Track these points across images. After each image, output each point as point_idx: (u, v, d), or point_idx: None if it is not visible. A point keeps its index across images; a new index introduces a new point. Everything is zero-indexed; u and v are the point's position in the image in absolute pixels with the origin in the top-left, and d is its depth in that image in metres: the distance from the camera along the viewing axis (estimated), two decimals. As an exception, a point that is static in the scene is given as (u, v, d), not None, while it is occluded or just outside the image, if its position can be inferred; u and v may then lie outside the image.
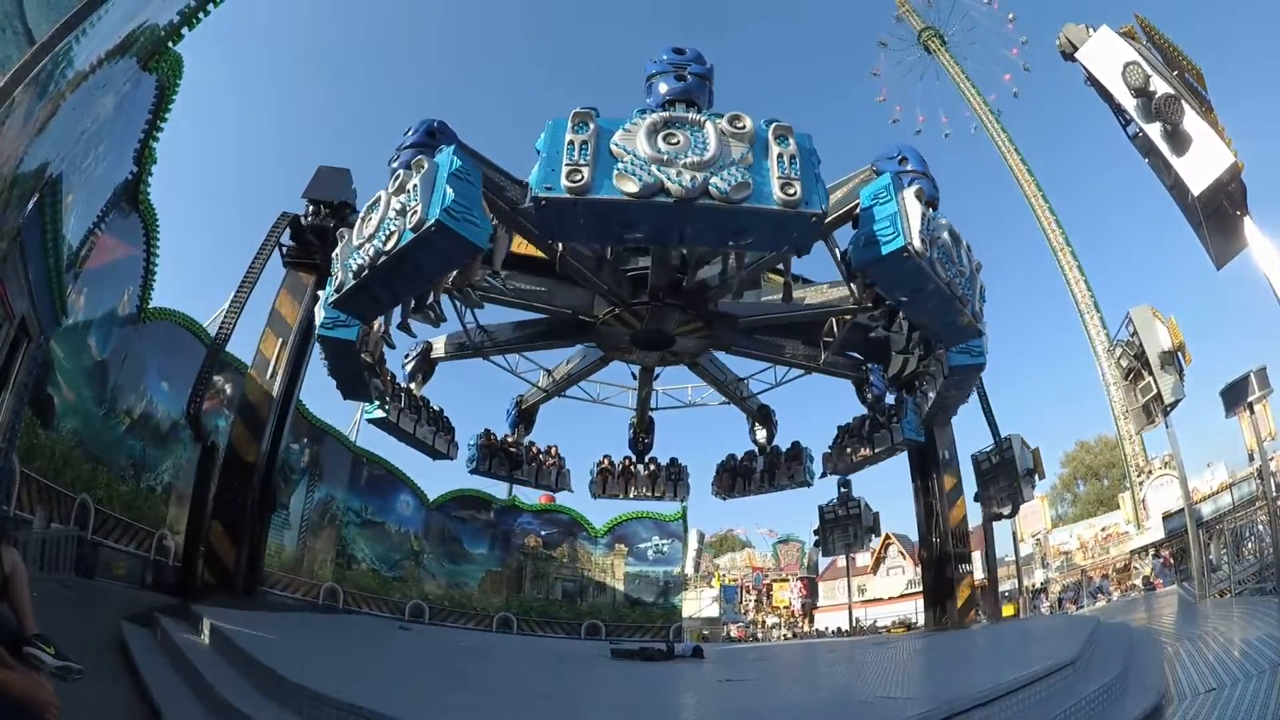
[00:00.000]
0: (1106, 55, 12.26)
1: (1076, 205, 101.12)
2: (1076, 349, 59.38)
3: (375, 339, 9.86)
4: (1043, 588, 30.88)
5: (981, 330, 7.78)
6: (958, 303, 7.01)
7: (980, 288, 7.57)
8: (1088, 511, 38.14)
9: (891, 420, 13.04)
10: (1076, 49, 12.90)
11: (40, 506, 8.75)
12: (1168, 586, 20.72)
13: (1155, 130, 11.55)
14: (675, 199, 5.53)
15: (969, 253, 7.29)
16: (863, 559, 37.75)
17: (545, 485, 16.34)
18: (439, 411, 13.23)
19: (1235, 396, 14.90)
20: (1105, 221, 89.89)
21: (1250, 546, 14.23)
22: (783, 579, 42.13)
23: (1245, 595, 12.43)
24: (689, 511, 21.78)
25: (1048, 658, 5.41)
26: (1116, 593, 25.37)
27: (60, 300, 7.58)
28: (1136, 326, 15.64)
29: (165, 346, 12.05)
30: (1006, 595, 23.49)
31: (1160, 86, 11.40)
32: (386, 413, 11.52)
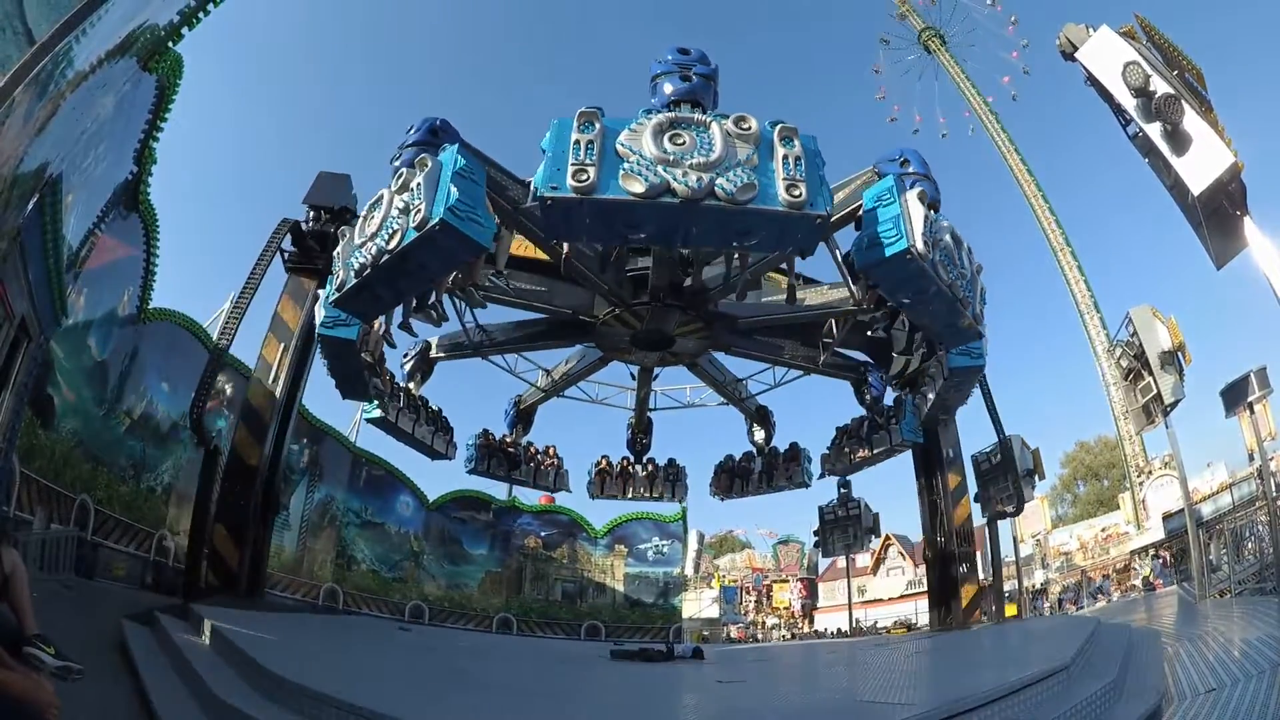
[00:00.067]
0: (1106, 55, 12.26)
1: (1076, 205, 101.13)
2: (1076, 349, 59.35)
3: (376, 338, 9.87)
4: (1043, 588, 30.86)
5: (982, 332, 7.82)
6: (959, 305, 7.04)
7: (981, 290, 7.61)
8: (1088, 512, 38.10)
9: (890, 422, 13.05)
10: (1076, 49, 12.89)
11: (40, 507, 8.75)
12: (1168, 587, 20.72)
13: (1155, 130, 11.54)
14: (681, 199, 5.52)
15: (970, 255, 7.33)
16: (862, 560, 37.72)
17: (543, 485, 16.37)
18: (438, 411, 13.25)
19: (1235, 396, 14.91)
20: (1105, 221, 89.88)
21: (1250, 546, 14.25)
22: (783, 580, 42.10)
23: (1245, 595, 12.43)
24: (689, 512, 21.84)
25: (1044, 660, 5.38)
26: (1116, 593, 25.35)
27: (60, 300, 7.58)
28: (1136, 326, 15.65)
29: (165, 347, 12.06)
30: (1007, 595, 23.44)
31: (1160, 86, 11.40)
32: (385, 412, 11.53)
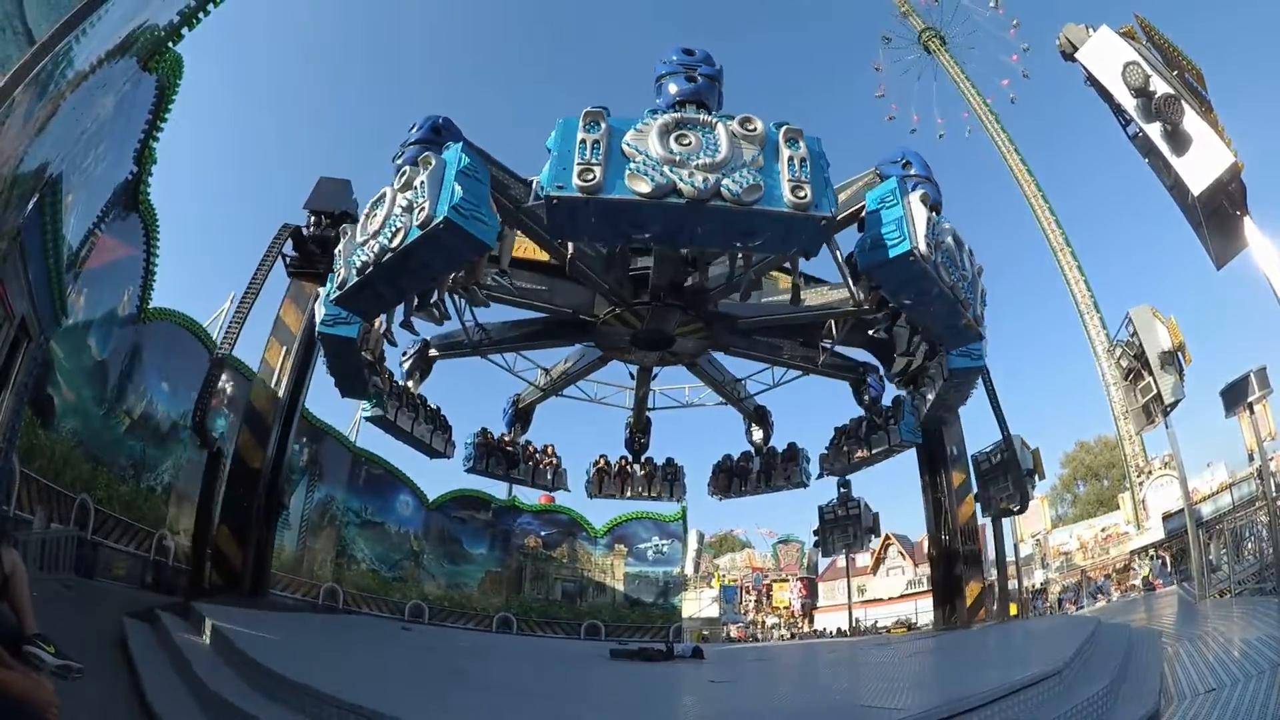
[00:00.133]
0: (1106, 55, 12.25)
1: (1076, 205, 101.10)
2: (1076, 349, 59.38)
3: (376, 336, 9.86)
4: (1042, 588, 30.85)
5: (982, 333, 7.84)
6: (960, 306, 7.06)
7: (981, 292, 7.63)
8: (1088, 512, 38.11)
9: (889, 422, 13.02)
10: (1076, 49, 12.88)
11: (40, 507, 8.75)
12: (1168, 587, 20.71)
13: (1155, 130, 11.54)
14: (688, 200, 5.51)
15: (971, 257, 7.35)
16: (862, 559, 37.74)
17: (541, 484, 16.36)
18: (436, 410, 13.22)
19: (1235, 396, 14.89)
20: (1105, 221, 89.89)
21: (1250, 547, 14.23)
22: (782, 579, 42.07)
23: (1245, 595, 12.42)
24: (689, 512, 21.85)
25: (1042, 662, 5.37)
26: (1116, 593, 25.34)
27: (60, 300, 7.59)
28: (1136, 326, 15.63)
29: (165, 347, 12.06)
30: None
31: (1160, 86, 11.39)
32: (384, 410, 11.52)
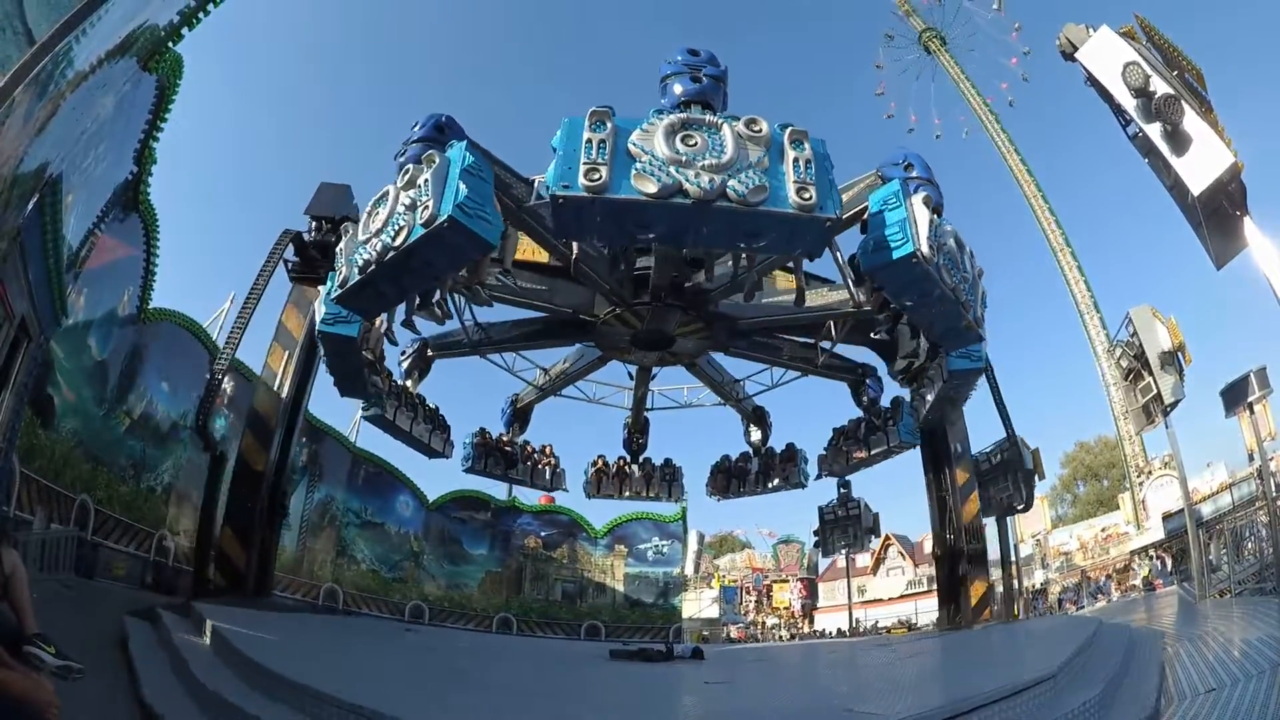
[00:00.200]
0: (1106, 55, 12.27)
1: (1076, 205, 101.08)
2: (1076, 349, 59.32)
3: (377, 335, 9.86)
4: (1042, 588, 30.86)
5: (983, 335, 7.86)
6: (961, 308, 7.08)
7: (982, 293, 7.65)
8: (1088, 512, 38.13)
9: (887, 423, 13.00)
10: (1076, 49, 12.90)
11: (40, 507, 8.75)
12: (1168, 587, 20.71)
13: (1155, 130, 11.56)
14: (694, 200, 5.51)
15: (972, 259, 7.38)
16: (862, 560, 37.77)
17: (540, 484, 16.35)
18: (435, 409, 13.19)
19: (1235, 396, 14.91)
20: (1105, 221, 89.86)
21: (1250, 547, 14.23)
22: (783, 580, 42.08)
23: (1245, 595, 12.42)
24: (689, 512, 21.82)
25: (1037, 666, 5.36)
26: (1116, 593, 25.34)
27: (60, 300, 7.59)
28: (1136, 326, 15.65)
29: (165, 347, 12.06)
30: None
31: (1160, 86, 11.41)
32: (383, 410, 11.52)
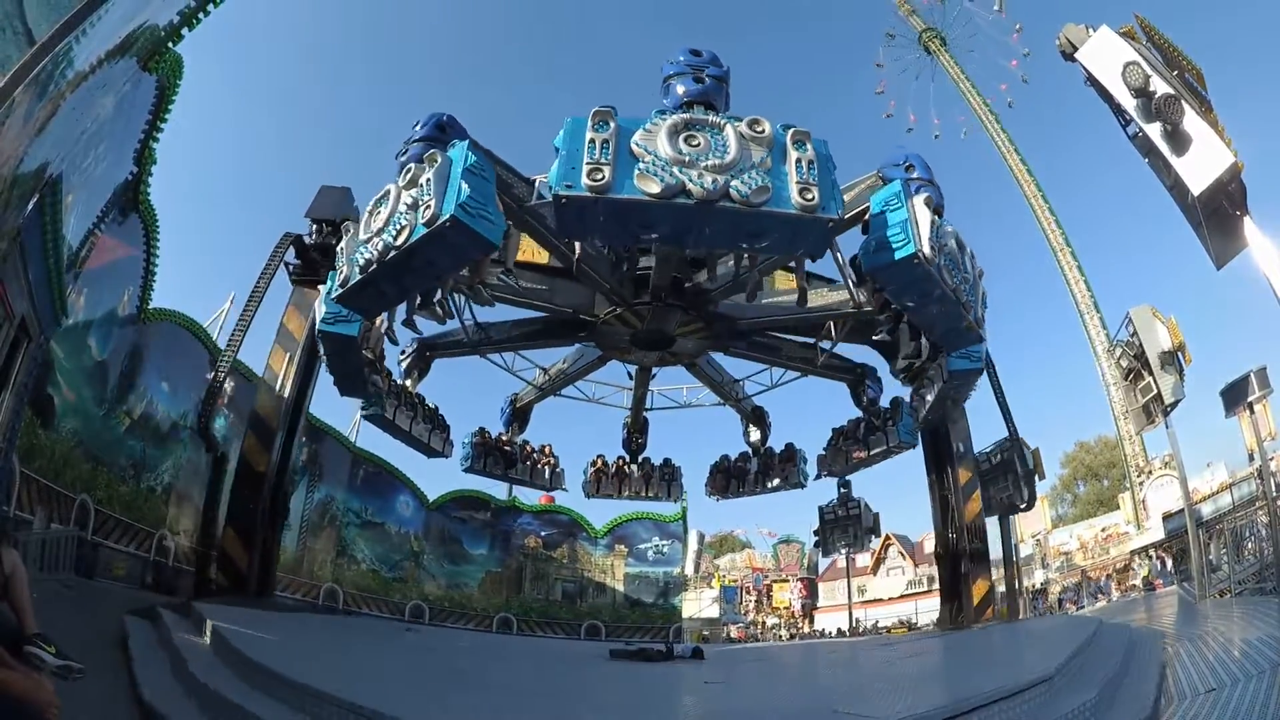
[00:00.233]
0: (1106, 55, 12.27)
1: (1076, 205, 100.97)
2: (1076, 349, 59.29)
3: (377, 335, 9.85)
4: (1042, 588, 30.86)
5: (983, 335, 7.87)
6: (962, 308, 7.09)
7: (982, 294, 7.67)
8: (1088, 512, 38.12)
9: (887, 424, 12.96)
10: (1076, 49, 12.91)
11: (40, 507, 8.75)
12: (1168, 587, 20.71)
13: (1155, 130, 11.56)
14: (697, 201, 5.51)
15: (972, 260, 7.40)
16: (863, 560, 37.77)
17: (539, 484, 16.33)
18: (434, 409, 13.18)
19: (1235, 396, 14.91)
20: (1105, 221, 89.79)
21: (1250, 546, 14.24)
22: (783, 580, 42.05)
23: (1245, 595, 12.42)
24: (689, 512, 21.83)
25: (1034, 667, 5.35)
26: (1117, 593, 25.35)
27: (60, 300, 7.60)
28: (1136, 326, 15.66)
29: (165, 347, 12.06)
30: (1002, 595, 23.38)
31: (1160, 86, 11.41)
32: (382, 409, 11.52)
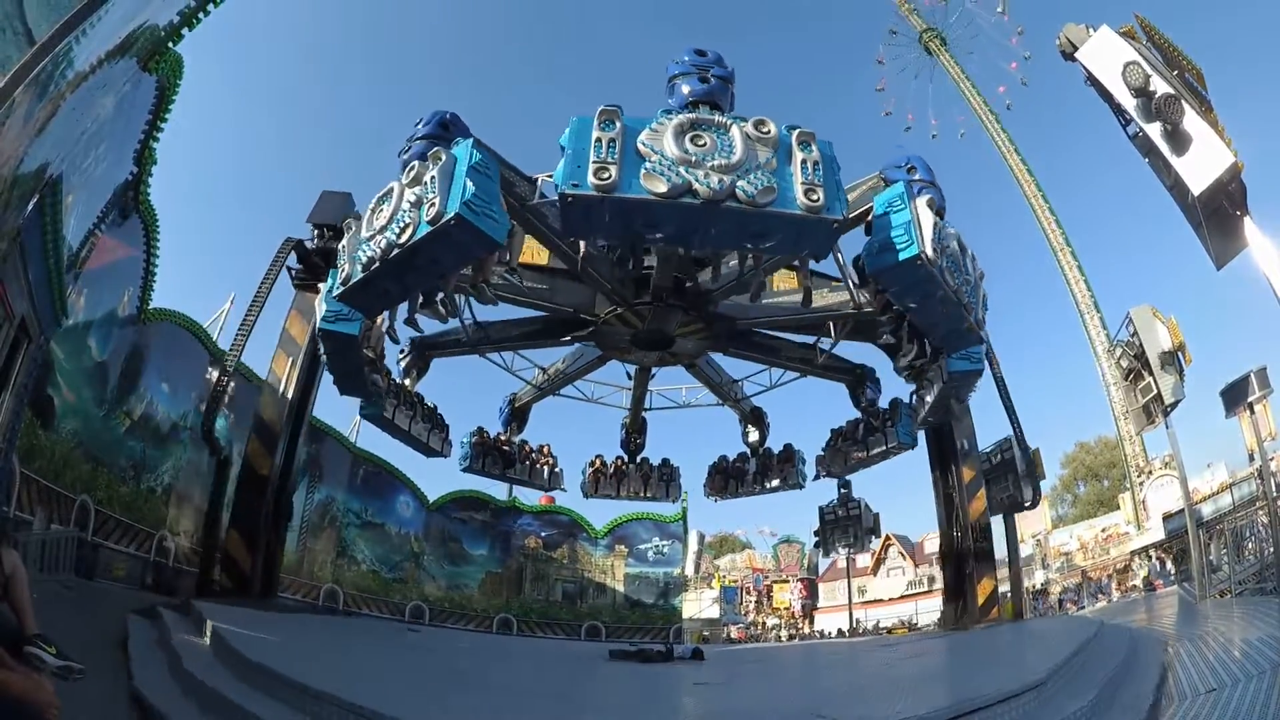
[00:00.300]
0: (1106, 55, 12.26)
1: (1076, 205, 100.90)
2: (1076, 349, 59.44)
3: (378, 334, 9.84)
4: (1043, 589, 30.87)
5: (984, 337, 7.89)
6: (963, 310, 7.12)
7: (983, 296, 7.70)
8: (1088, 512, 38.13)
9: (886, 424, 12.97)
10: (1076, 49, 12.88)
11: (40, 507, 8.74)
12: (1168, 587, 20.71)
13: (1155, 130, 11.54)
14: (703, 200, 5.52)
15: (974, 261, 7.43)
16: (863, 560, 37.74)
17: (538, 484, 16.34)
18: (433, 408, 13.18)
19: (1235, 396, 14.91)
20: (1105, 221, 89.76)
21: (1250, 547, 14.24)
22: (783, 580, 42.01)
23: (1245, 595, 12.43)
24: (689, 513, 21.82)
25: (1031, 670, 5.36)
26: (1117, 593, 25.35)
27: (60, 301, 7.59)
28: (1136, 326, 15.64)
29: (165, 347, 12.05)
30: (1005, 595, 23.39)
31: (1160, 86, 11.40)
32: (382, 409, 11.52)
